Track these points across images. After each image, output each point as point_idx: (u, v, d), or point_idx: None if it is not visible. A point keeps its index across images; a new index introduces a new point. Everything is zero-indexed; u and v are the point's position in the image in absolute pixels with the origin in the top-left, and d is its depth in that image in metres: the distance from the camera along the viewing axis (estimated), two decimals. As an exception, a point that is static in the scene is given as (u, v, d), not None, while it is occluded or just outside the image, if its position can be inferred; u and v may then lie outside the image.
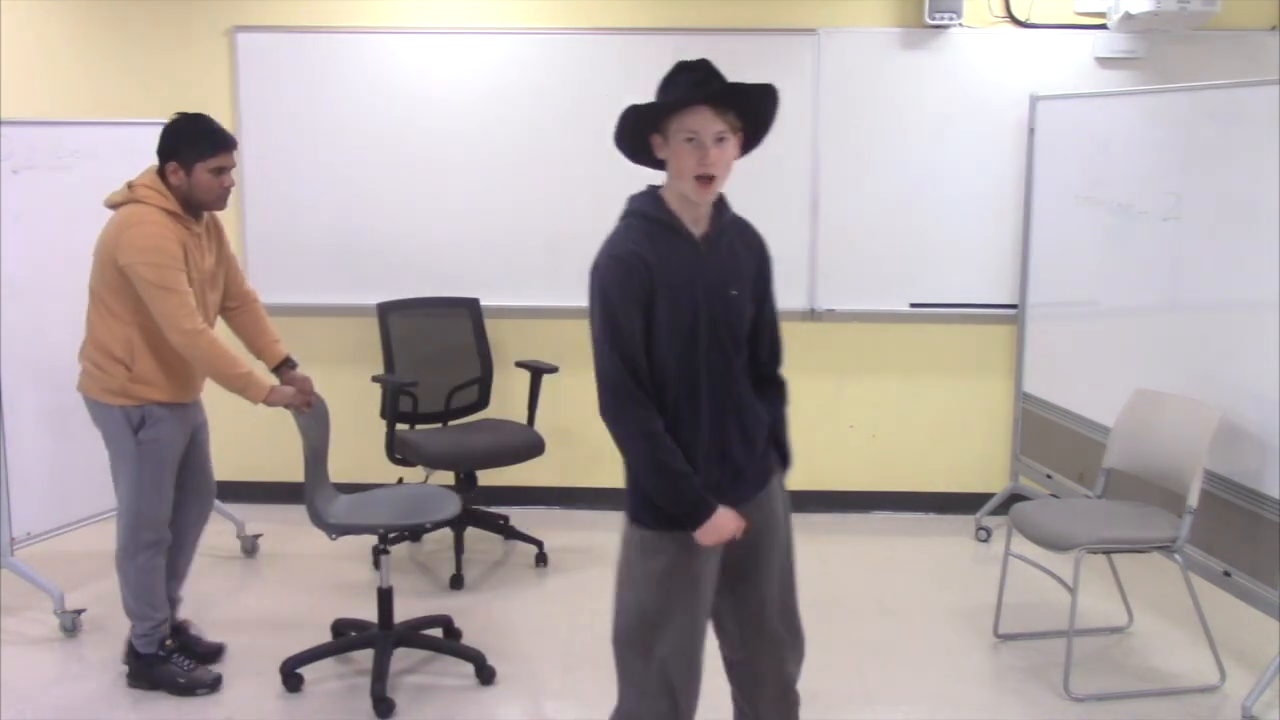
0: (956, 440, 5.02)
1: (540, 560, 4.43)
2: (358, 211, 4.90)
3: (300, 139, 4.87)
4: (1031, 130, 4.64)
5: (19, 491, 3.83)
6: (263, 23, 4.84)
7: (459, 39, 4.80)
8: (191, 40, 4.88)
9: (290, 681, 3.34)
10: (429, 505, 3.42)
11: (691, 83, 2.24)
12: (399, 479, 4.38)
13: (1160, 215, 3.84)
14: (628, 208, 2.36)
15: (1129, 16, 4.42)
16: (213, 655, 3.51)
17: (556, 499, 5.11)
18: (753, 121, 2.31)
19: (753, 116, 2.30)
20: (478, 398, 4.72)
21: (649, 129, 2.29)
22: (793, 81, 4.69)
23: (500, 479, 4.82)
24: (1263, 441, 3.34)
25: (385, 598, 3.41)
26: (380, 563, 3.40)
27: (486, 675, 3.40)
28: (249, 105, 4.87)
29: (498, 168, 4.86)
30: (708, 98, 2.21)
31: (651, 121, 2.27)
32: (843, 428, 5.02)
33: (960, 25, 4.70)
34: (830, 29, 4.74)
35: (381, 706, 3.18)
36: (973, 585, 4.19)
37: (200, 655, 3.46)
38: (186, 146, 3.12)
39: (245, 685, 3.36)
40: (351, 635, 3.55)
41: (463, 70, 4.81)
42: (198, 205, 3.18)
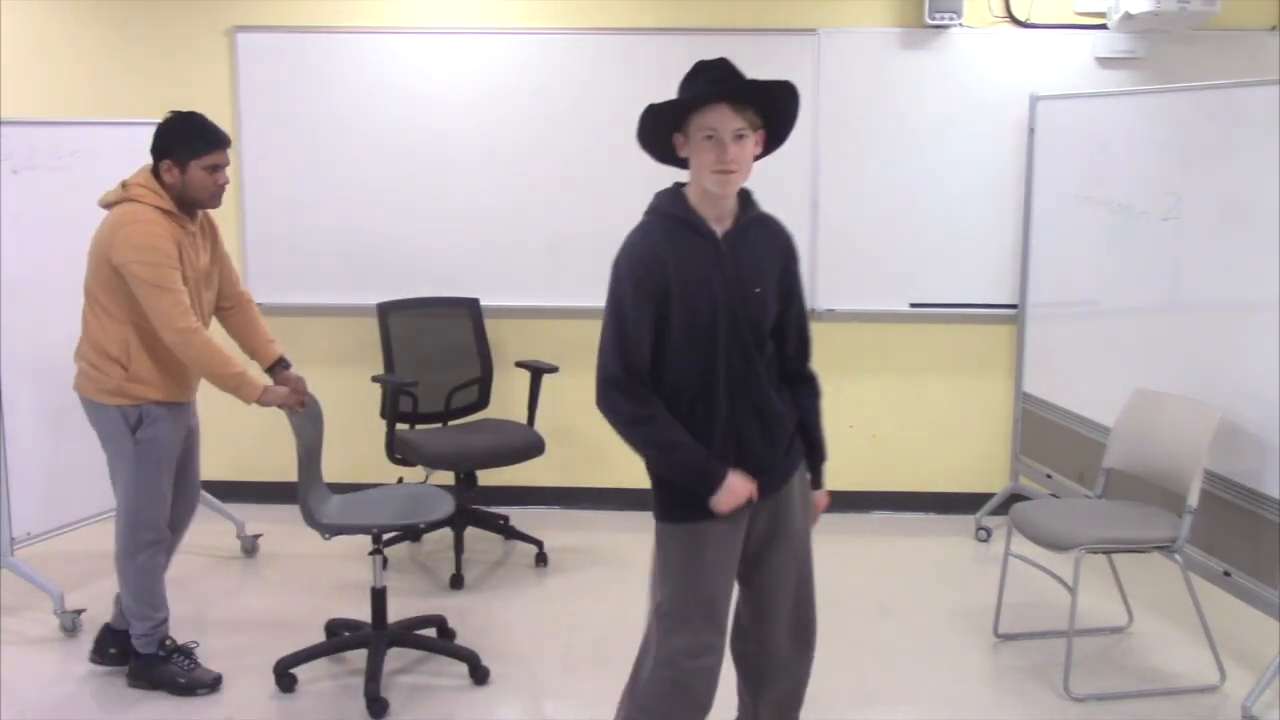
0: (956, 440, 5.02)
1: (540, 560, 4.43)
2: (358, 211, 4.90)
3: (300, 139, 4.87)
4: (1031, 130, 4.64)
5: (19, 491, 3.83)
6: (263, 23, 4.84)
7: (459, 39, 4.80)
8: (191, 40, 4.88)
9: (284, 682, 3.34)
10: (423, 505, 3.41)
11: (710, 81, 2.27)
12: (399, 479, 4.38)
13: (1160, 215, 3.84)
14: (651, 204, 2.41)
15: (1129, 16, 4.42)
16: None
17: (556, 499, 5.11)
18: (774, 119, 2.34)
19: (774, 114, 2.33)
20: (478, 398, 4.72)
21: (670, 128, 2.32)
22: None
23: (500, 479, 4.82)
24: (1263, 441, 3.34)
25: (379, 598, 3.41)
26: (375, 563, 3.40)
27: (480, 675, 3.39)
28: (249, 105, 4.87)
29: (498, 168, 4.86)
30: (725, 95, 2.24)
31: (672, 120, 2.31)
32: (842, 428, 5.01)
33: (960, 25, 4.70)
34: (830, 29, 4.74)
35: (375, 706, 3.18)
36: (973, 585, 4.19)
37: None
38: (181, 144, 3.11)
39: (245, 685, 3.36)
40: (345, 635, 3.54)
41: (463, 70, 4.81)
42: (192, 203, 3.18)
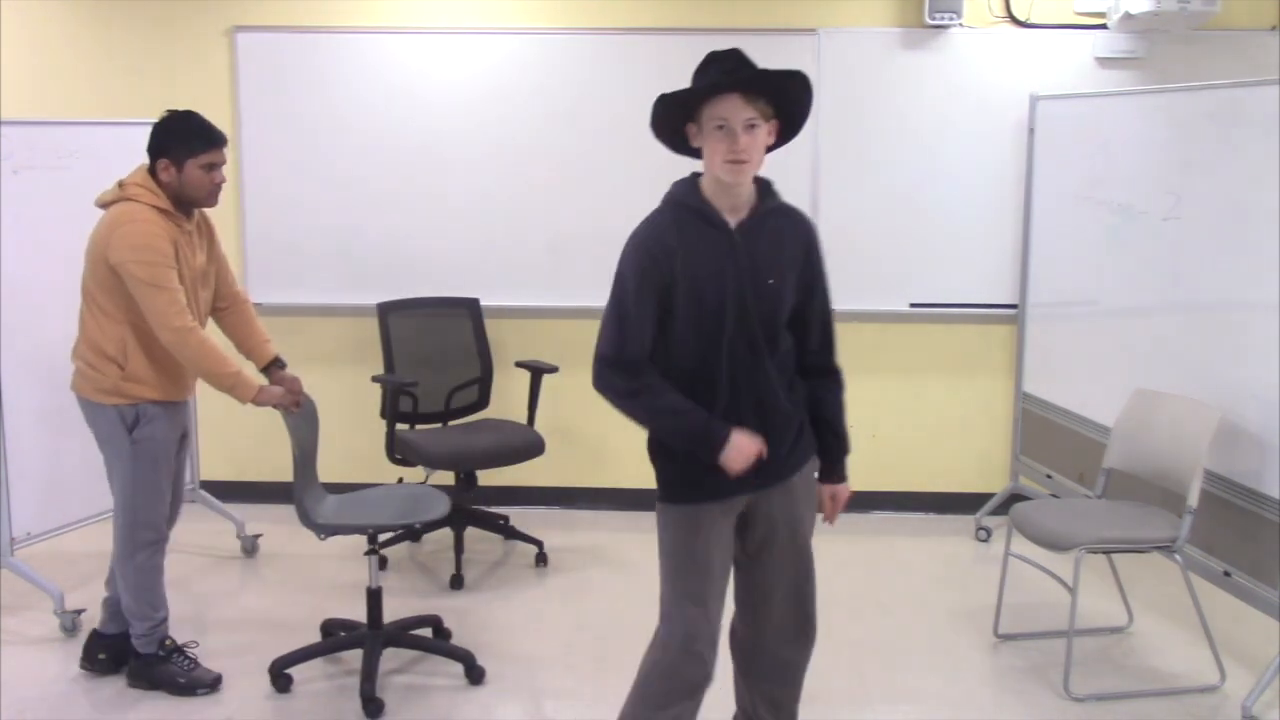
0: (956, 440, 5.02)
1: (540, 560, 4.43)
2: (358, 211, 4.90)
3: (300, 139, 4.87)
4: (1031, 130, 4.64)
5: (19, 491, 3.83)
6: (263, 23, 4.84)
7: (459, 39, 4.80)
8: (191, 40, 4.88)
9: (279, 682, 3.33)
10: (419, 506, 3.41)
11: (721, 71, 2.28)
12: (399, 479, 4.38)
13: (1160, 215, 3.84)
14: (667, 193, 2.42)
15: (1129, 16, 4.42)
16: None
17: (556, 499, 5.11)
18: (788, 110, 2.35)
19: (787, 105, 2.34)
20: (478, 398, 4.72)
21: (684, 118, 2.33)
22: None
23: (500, 479, 4.83)
24: (1263, 441, 3.34)
25: (374, 598, 3.41)
26: (370, 563, 3.40)
27: (476, 675, 3.39)
28: (249, 105, 4.87)
29: (497, 168, 4.86)
30: (735, 84, 2.25)
31: (686, 111, 2.32)
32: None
33: (960, 25, 4.70)
34: (830, 29, 4.74)
35: (371, 706, 3.18)
36: (973, 585, 4.19)
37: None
38: (178, 143, 3.11)
39: (245, 685, 3.36)
40: (340, 635, 3.54)
41: (463, 70, 4.81)
42: (189, 202, 3.18)
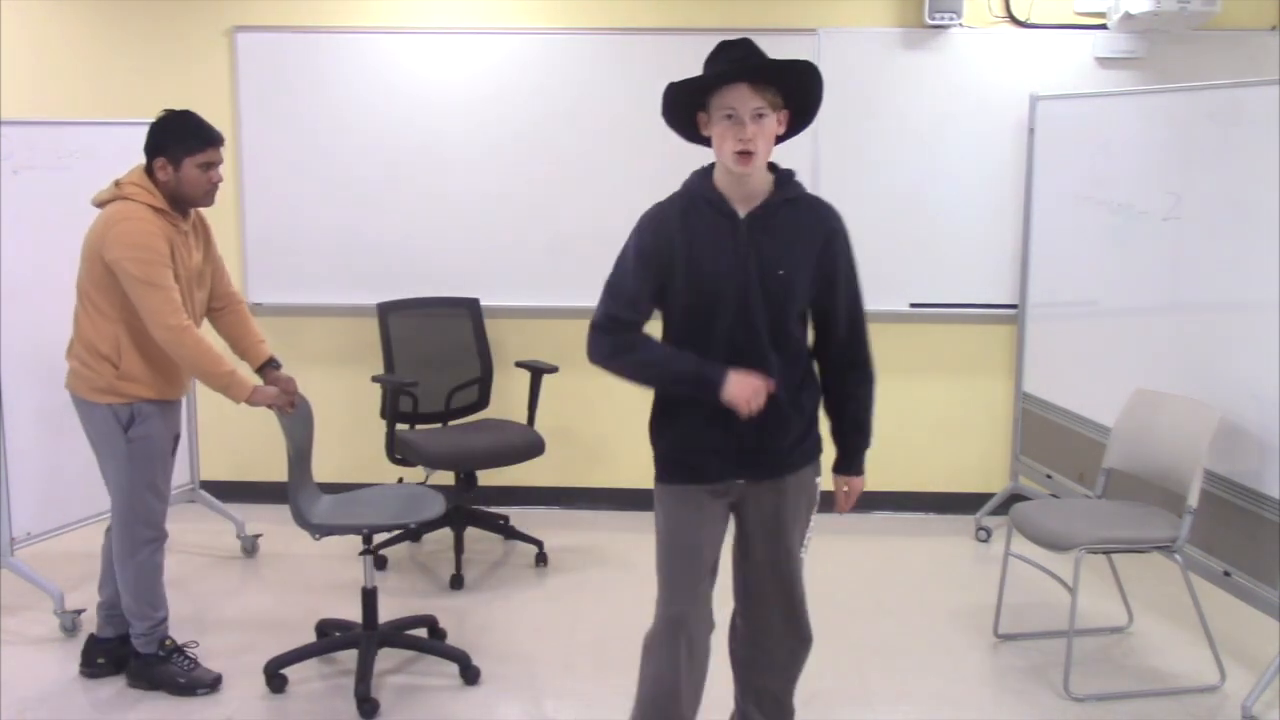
0: (956, 440, 5.02)
1: (540, 560, 4.43)
2: (358, 211, 4.90)
3: (300, 139, 4.87)
4: (1031, 130, 4.64)
5: (19, 491, 3.83)
6: (263, 23, 4.84)
7: (459, 39, 4.80)
8: (191, 40, 4.88)
9: (274, 682, 3.33)
10: (414, 506, 3.40)
11: (730, 60, 2.29)
12: (399, 479, 4.38)
13: (1160, 215, 3.84)
14: (685, 181, 2.45)
15: (1129, 16, 4.42)
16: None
17: (556, 499, 5.11)
18: (799, 101, 2.36)
19: (798, 96, 2.35)
20: (478, 398, 4.71)
21: (695, 107, 2.35)
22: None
23: (500, 479, 4.83)
24: (1263, 441, 3.34)
25: (369, 598, 3.40)
26: (365, 563, 3.40)
27: (471, 675, 3.39)
28: (249, 105, 4.87)
29: (497, 168, 4.86)
30: (743, 74, 2.27)
31: (696, 100, 2.34)
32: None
33: (960, 25, 4.70)
34: (830, 29, 4.74)
35: (365, 707, 3.17)
36: (973, 585, 4.19)
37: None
38: (175, 142, 3.11)
39: (245, 685, 3.35)
40: (335, 635, 3.54)
41: (462, 70, 4.81)
42: (185, 201, 3.18)
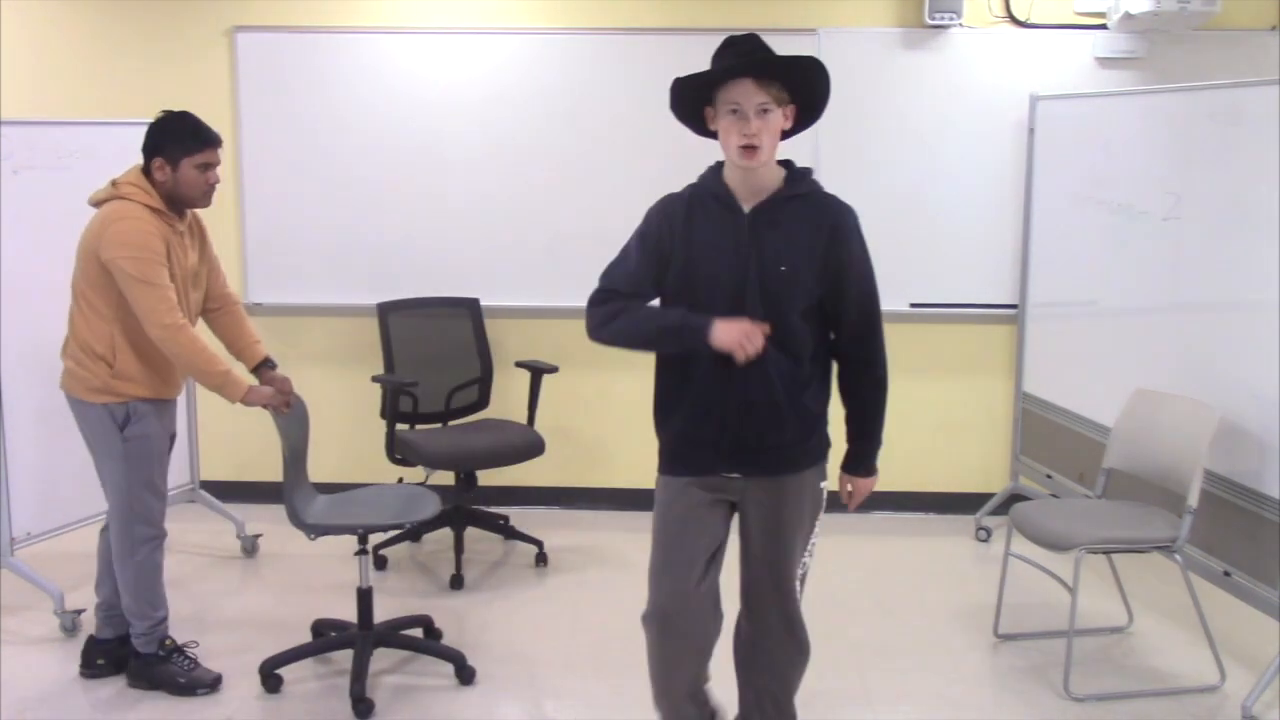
0: (956, 440, 5.02)
1: (540, 560, 4.43)
2: (357, 211, 4.90)
3: (300, 139, 4.87)
4: (1031, 130, 4.64)
5: (19, 491, 3.83)
6: (263, 23, 4.84)
7: (459, 39, 4.80)
8: (191, 40, 4.88)
9: (269, 682, 3.33)
10: (409, 505, 3.40)
11: (736, 55, 2.31)
12: (399, 479, 4.38)
13: (1160, 215, 3.84)
14: (701, 175, 2.50)
15: (1129, 16, 4.42)
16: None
17: (556, 499, 5.11)
18: (806, 97, 2.38)
19: (805, 91, 2.37)
20: (478, 398, 4.71)
21: (702, 102, 2.38)
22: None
23: (500, 479, 4.83)
24: (1263, 441, 3.34)
25: (365, 598, 3.40)
26: (361, 563, 3.39)
27: (466, 675, 3.38)
28: (249, 105, 4.87)
29: (498, 168, 4.86)
30: (747, 69, 2.29)
31: (704, 94, 2.36)
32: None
33: (960, 25, 4.70)
34: (830, 29, 4.74)
35: (360, 707, 3.17)
36: (973, 585, 4.19)
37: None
38: (173, 142, 3.12)
39: (245, 685, 3.35)
40: (330, 635, 3.54)
41: (462, 70, 4.81)
42: (182, 202, 3.18)
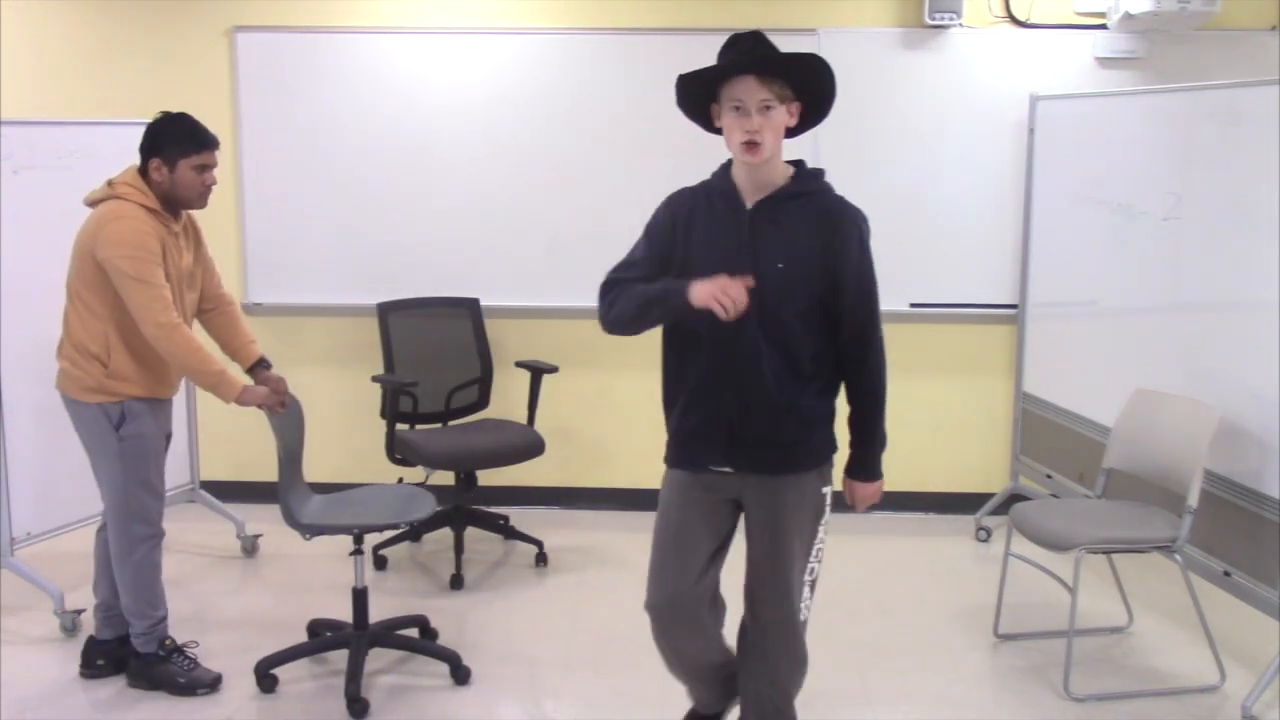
0: (956, 440, 5.02)
1: (540, 560, 4.43)
2: (357, 211, 4.90)
3: (300, 139, 4.87)
4: (1031, 130, 4.64)
5: (19, 491, 3.83)
6: (263, 23, 4.84)
7: (459, 39, 4.80)
8: (191, 40, 4.88)
9: (264, 682, 3.33)
10: (405, 505, 3.40)
11: (739, 52, 2.34)
12: (399, 479, 4.38)
13: (1160, 215, 3.84)
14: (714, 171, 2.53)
15: (1129, 16, 4.42)
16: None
17: (556, 499, 5.11)
18: (811, 95, 2.41)
19: (809, 89, 2.39)
20: (478, 398, 4.71)
21: (708, 99, 2.40)
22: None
23: (500, 479, 4.83)
24: (1263, 441, 3.34)
25: (360, 598, 3.40)
26: (356, 563, 3.39)
27: (461, 676, 3.38)
28: (249, 105, 4.87)
29: (498, 168, 4.86)
30: (750, 65, 2.31)
31: (708, 91, 2.39)
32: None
33: (960, 25, 4.70)
34: (830, 29, 4.74)
35: (356, 707, 3.17)
36: (973, 585, 4.19)
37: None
38: (170, 143, 3.12)
39: (245, 685, 3.35)
40: (326, 635, 3.53)
41: (462, 70, 4.81)
42: (178, 203, 3.19)
